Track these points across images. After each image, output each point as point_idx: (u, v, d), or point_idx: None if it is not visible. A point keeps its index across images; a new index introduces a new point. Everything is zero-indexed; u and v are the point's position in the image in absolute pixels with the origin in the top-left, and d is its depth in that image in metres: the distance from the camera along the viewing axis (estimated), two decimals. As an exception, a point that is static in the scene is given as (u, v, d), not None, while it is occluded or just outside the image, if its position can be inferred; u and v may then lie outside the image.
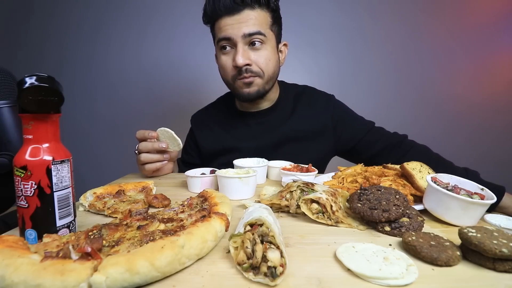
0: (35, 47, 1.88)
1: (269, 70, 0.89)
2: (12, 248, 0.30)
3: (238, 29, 0.82)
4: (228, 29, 0.83)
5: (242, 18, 0.82)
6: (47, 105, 0.37)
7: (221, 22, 0.84)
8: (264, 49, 0.87)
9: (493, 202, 0.47)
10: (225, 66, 0.88)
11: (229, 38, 0.83)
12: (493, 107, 1.93)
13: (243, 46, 0.84)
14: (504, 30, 1.87)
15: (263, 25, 0.85)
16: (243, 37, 0.83)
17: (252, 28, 0.82)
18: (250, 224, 0.37)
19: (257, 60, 0.86)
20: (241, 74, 0.86)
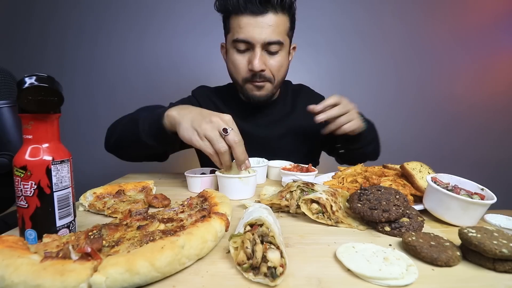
0: (35, 47, 1.88)
1: (280, 75, 0.90)
2: (12, 248, 0.30)
3: (259, 34, 0.80)
4: (250, 32, 0.81)
5: (264, 23, 0.80)
6: (47, 105, 0.37)
7: (241, 20, 0.81)
8: (279, 55, 0.86)
9: (493, 202, 0.47)
10: (239, 66, 0.87)
11: (250, 42, 0.82)
12: (493, 107, 1.93)
13: (261, 51, 0.83)
14: (504, 30, 1.87)
15: (282, 32, 0.84)
16: (263, 44, 0.82)
17: (273, 36, 0.82)
18: (250, 224, 0.37)
19: (271, 65, 0.86)
20: (253, 78, 0.86)
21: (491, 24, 1.86)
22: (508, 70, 1.90)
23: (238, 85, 0.92)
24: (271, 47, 0.83)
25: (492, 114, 1.93)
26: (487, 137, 1.94)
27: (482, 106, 1.92)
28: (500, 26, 1.86)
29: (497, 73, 1.91)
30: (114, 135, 0.85)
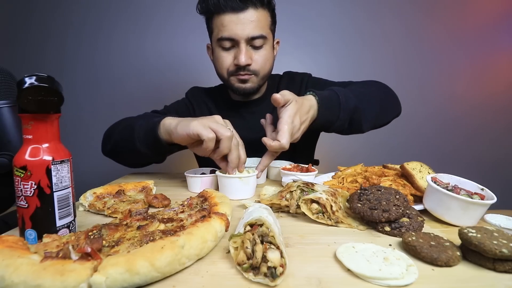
0: (35, 47, 1.88)
1: (266, 69, 0.91)
2: (12, 248, 0.30)
3: (242, 30, 0.82)
4: (233, 29, 0.82)
5: (246, 18, 0.82)
6: (47, 105, 0.37)
7: (223, 18, 0.83)
8: (264, 49, 0.88)
9: (493, 202, 0.47)
10: (224, 62, 0.89)
11: (233, 39, 0.83)
12: (493, 107, 1.93)
13: (246, 46, 0.85)
14: (504, 30, 1.87)
15: (264, 27, 0.86)
16: (246, 39, 0.83)
17: (256, 31, 0.83)
18: (250, 224, 0.37)
19: (256, 59, 0.87)
20: (237, 71, 0.88)
21: (491, 24, 1.86)
22: (507, 70, 1.90)
23: (224, 80, 0.94)
24: (255, 41, 0.85)
25: (492, 114, 1.93)
26: (487, 137, 1.94)
27: (482, 106, 1.92)
28: (499, 26, 1.86)
29: (497, 73, 1.91)
30: (110, 141, 0.85)
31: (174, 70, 1.90)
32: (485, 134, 1.94)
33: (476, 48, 1.87)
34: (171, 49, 1.88)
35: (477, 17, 1.86)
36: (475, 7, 1.85)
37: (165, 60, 1.89)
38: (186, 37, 1.86)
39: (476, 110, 1.92)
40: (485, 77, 1.91)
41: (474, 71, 1.90)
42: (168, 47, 1.88)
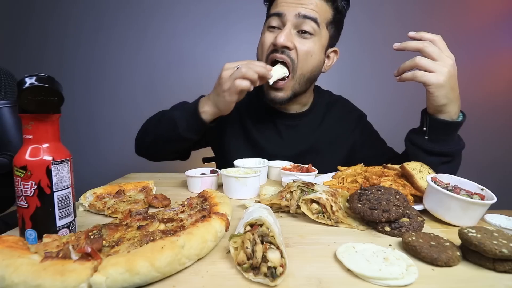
0: (35, 47, 1.88)
1: (306, 65, 0.80)
2: (12, 248, 0.30)
3: (295, 8, 0.75)
4: (284, 6, 0.76)
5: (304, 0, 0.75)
6: (47, 105, 0.37)
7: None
8: (311, 41, 0.78)
9: (493, 202, 0.47)
10: (265, 42, 0.80)
11: (281, 14, 0.76)
12: (492, 107, 1.93)
13: (291, 28, 0.76)
14: (504, 30, 1.87)
15: (320, 16, 0.77)
16: (296, 17, 0.75)
17: (309, 12, 0.74)
18: (250, 224, 0.37)
19: (299, 48, 0.77)
20: (273, 52, 0.78)
21: (491, 24, 1.86)
22: (507, 70, 1.91)
23: None
24: (305, 24, 0.75)
25: (492, 114, 1.93)
26: (487, 137, 1.94)
27: (482, 106, 1.92)
28: (500, 26, 1.86)
29: (497, 73, 1.91)
30: (148, 138, 0.88)
31: (174, 68, 1.90)
32: (485, 134, 1.94)
33: (476, 48, 1.88)
34: (171, 49, 1.88)
35: (477, 17, 1.86)
36: (475, 7, 1.85)
37: (165, 59, 1.89)
38: (186, 36, 1.86)
39: (476, 109, 1.92)
40: (485, 76, 1.91)
41: (474, 70, 1.90)
42: (167, 47, 1.88)
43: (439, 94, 0.61)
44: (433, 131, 0.68)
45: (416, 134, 0.72)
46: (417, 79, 0.62)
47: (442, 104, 0.63)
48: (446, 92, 0.61)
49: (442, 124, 0.66)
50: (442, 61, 0.60)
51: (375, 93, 1.91)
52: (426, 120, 0.68)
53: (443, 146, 0.68)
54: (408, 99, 1.88)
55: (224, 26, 1.86)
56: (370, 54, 1.86)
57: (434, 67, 0.60)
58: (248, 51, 1.88)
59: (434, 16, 1.84)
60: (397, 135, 1.39)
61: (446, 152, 0.68)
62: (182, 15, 1.85)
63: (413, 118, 0.83)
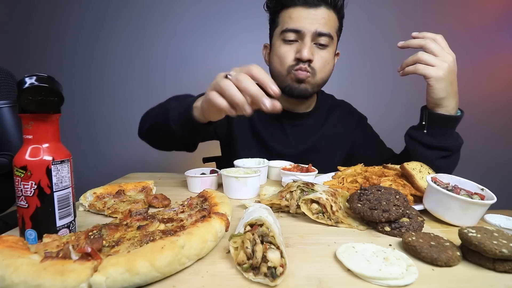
0: (35, 47, 1.88)
1: (324, 72, 0.88)
2: (12, 248, 0.30)
3: (311, 24, 0.80)
4: (301, 22, 0.80)
5: (317, 15, 0.80)
6: (47, 105, 0.37)
7: (293, 11, 0.81)
8: (327, 51, 0.85)
9: (493, 202, 0.47)
10: (285, 56, 0.85)
11: (300, 31, 0.81)
12: (492, 107, 1.93)
13: (310, 42, 0.82)
14: (504, 30, 1.87)
15: (332, 28, 0.84)
16: (314, 34, 0.81)
17: (325, 28, 0.81)
18: (250, 224, 0.37)
19: (318, 59, 0.84)
20: (298, 64, 0.84)
21: (491, 24, 1.86)
22: (507, 70, 1.91)
23: (280, 76, 0.88)
24: (321, 39, 0.82)
25: (492, 114, 1.93)
26: (487, 137, 1.94)
27: (482, 106, 1.92)
28: (500, 26, 1.86)
29: (497, 72, 1.91)
30: (146, 124, 0.84)
31: (174, 68, 1.90)
32: (485, 134, 1.94)
33: (476, 47, 1.88)
34: (171, 49, 1.88)
35: (477, 17, 1.86)
36: (475, 7, 1.86)
37: (164, 59, 1.89)
38: (185, 36, 1.87)
39: (476, 109, 1.92)
40: (485, 76, 1.91)
41: (474, 70, 1.90)
42: (167, 46, 1.88)
43: (439, 87, 0.66)
44: (431, 125, 0.71)
45: (415, 129, 0.76)
46: (418, 72, 0.66)
47: (441, 97, 0.67)
48: (445, 86, 0.66)
49: (440, 118, 0.69)
50: (443, 57, 0.65)
51: (374, 93, 1.91)
52: (425, 114, 0.71)
53: (442, 141, 0.71)
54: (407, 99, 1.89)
55: (223, 26, 1.86)
56: (370, 54, 1.86)
57: (435, 61, 0.65)
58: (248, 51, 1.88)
59: (434, 16, 1.84)
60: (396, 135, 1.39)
61: (444, 146, 0.71)
62: (181, 15, 1.85)
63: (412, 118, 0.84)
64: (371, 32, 1.86)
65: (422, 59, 0.66)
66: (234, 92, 0.51)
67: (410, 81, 1.86)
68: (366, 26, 1.85)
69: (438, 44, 0.66)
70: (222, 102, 0.53)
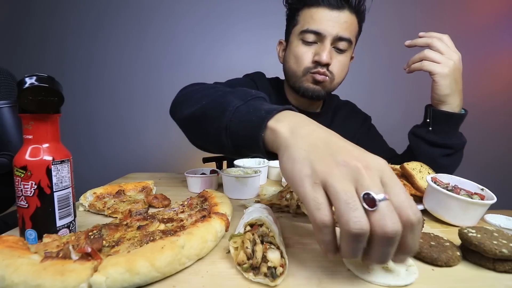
0: (35, 47, 1.88)
1: (341, 76, 0.87)
2: (12, 248, 0.30)
3: (333, 27, 0.78)
4: (323, 24, 0.78)
5: (340, 18, 0.79)
6: (47, 105, 0.37)
7: (316, 12, 0.80)
8: (345, 55, 0.85)
9: (493, 202, 0.47)
10: (303, 57, 0.83)
11: (321, 33, 0.79)
12: (492, 107, 1.93)
13: (330, 45, 0.81)
14: (504, 30, 1.87)
15: (353, 33, 0.83)
16: (334, 38, 0.80)
17: (346, 33, 0.80)
18: (250, 224, 0.37)
19: (335, 63, 0.84)
20: (316, 68, 0.82)
21: (491, 24, 1.86)
22: (507, 70, 1.91)
23: (294, 77, 0.87)
24: (340, 44, 0.81)
25: (492, 114, 1.93)
26: (487, 137, 1.94)
27: (482, 106, 1.92)
28: (500, 26, 1.86)
29: (497, 72, 1.91)
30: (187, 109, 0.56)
31: (174, 69, 1.90)
32: (485, 134, 1.94)
33: (476, 47, 1.88)
34: (171, 49, 1.88)
35: (477, 17, 1.86)
36: (475, 7, 1.86)
37: (164, 59, 1.89)
38: (186, 36, 1.86)
39: (476, 109, 1.92)
40: (485, 76, 1.91)
41: (474, 70, 1.90)
42: (167, 47, 1.88)
43: (444, 83, 0.67)
44: (435, 122, 0.72)
45: (419, 127, 0.77)
46: (424, 68, 0.68)
47: (445, 94, 0.68)
48: (450, 83, 0.67)
49: (445, 115, 0.70)
50: (449, 55, 0.67)
51: (374, 93, 1.91)
52: (430, 112, 0.73)
53: (445, 138, 0.72)
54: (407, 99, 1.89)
55: (223, 26, 1.86)
56: (370, 54, 1.86)
57: (441, 59, 0.67)
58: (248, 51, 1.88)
59: (434, 16, 1.84)
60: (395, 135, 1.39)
61: (447, 144, 0.72)
62: (181, 15, 1.85)
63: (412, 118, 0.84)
64: (371, 32, 1.85)
65: (429, 56, 0.67)
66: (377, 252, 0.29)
67: (410, 81, 1.87)
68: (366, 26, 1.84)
69: (444, 43, 0.68)
70: None
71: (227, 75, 1.02)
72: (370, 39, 1.85)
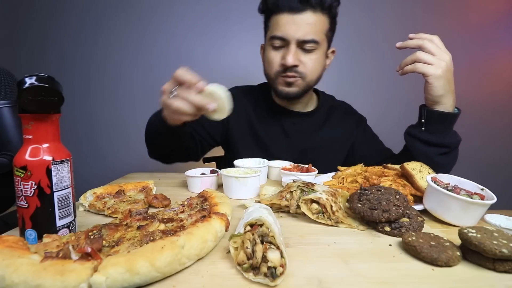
0: (35, 47, 1.88)
1: (313, 74, 0.89)
2: (12, 248, 0.30)
3: (295, 31, 0.82)
4: (286, 29, 0.83)
5: (301, 20, 0.81)
6: (47, 105, 0.37)
7: (279, 18, 0.83)
8: (315, 54, 0.87)
9: (493, 202, 0.47)
10: (272, 61, 0.88)
11: (285, 38, 0.83)
12: (492, 107, 1.93)
13: (295, 47, 0.84)
14: (504, 30, 1.87)
15: (319, 32, 0.84)
16: (298, 41, 0.83)
17: (309, 35, 0.82)
18: (250, 224, 0.37)
19: (305, 62, 0.86)
20: (285, 72, 0.87)
21: (491, 24, 1.86)
22: (507, 70, 1.91)
23: (270, 80, 0.93)
24: (306, 45, 0.84)
25: (492, 114, 1.93)
26: (487, 137, 1.94)
27: (482, 106, 1.92)
28: (500, 26, 1.86)
29: (497, 72, 1.91)
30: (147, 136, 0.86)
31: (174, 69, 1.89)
32: (486, 134, 1.94)
33: (476, 47, 1.87)
34: (170, 49, 1.88)
35: (477, 17, 1.86)
36: (475, 7, 1.85)
37: (164, 59, 1.89)
38: (185, 36, 1.86)
39: (476, 109, 1.92)
40: (485, 76, 1.91)
41: (474, 70, 1.89)
42: (167, 46, 1.88)
43: (437, 84, 0.68)
44: (430, 122, 0.73)
45: (414, 127, 0.79)
46: (418, 70, 0.69)
47: (439, 94, 0.69)
48: (443, 83, 0.68)
49: (439, 115, 0.71)
50: (440, 56, 0.68)
51: (374, 93, 1.90)
52: (424, 112, 0.74)
53: (440, 138, 0.73)
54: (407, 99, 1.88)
55: (223, 26, 1.86)
56: (370, 54, 1.86)
57: (433, 60, 0.67)
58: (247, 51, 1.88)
59: (434, 16, 1.84)
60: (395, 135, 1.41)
61: (443, 143, 0.73)
62: (181, 15, 1.85)
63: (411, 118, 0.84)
64: (371, 32, 1.86)
65: (421, 58, 0.68)
66: (185, 117, 0.62)
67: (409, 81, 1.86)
68: (366, 26, 1.85)
69: (435, 44, 0.68)
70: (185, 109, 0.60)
71: (227, 74, 1.03)
72: (370, 39, 1.85)
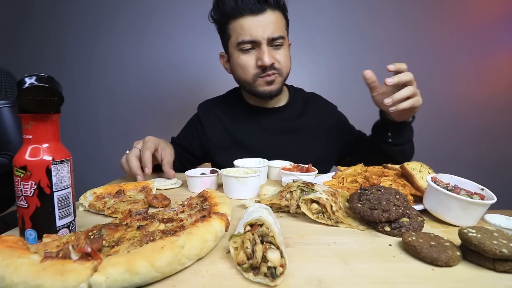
0: (35, 47, 1.88)
1: (287, 68, 0.94)
2: (12, 248, 0.30)
3: (263, 31, 0.84)
4: (253, 31, 0.84)
5: (265, 20, 0.84)
6: (47, 105, 0.37)
7: (242, 22, 0.84)
8: (283, 49, 0.90)
9: (493, 202, 0.47)
10: (247, 65, 0.89)
11: (255, 41, 0.85)
12: (493, 107, 1.93)
13: (267, 47, 0.86)
14: (504, 30, 1.87)
15: (282, 28, 0.89)
16: (268, 40, 0.85)
17: (276, 32, 0.85)
18: (250, 224, 0.37)
19: (279, 59, 0.89)
20: (265, 72, 0.89)
21: (491, 24, 1.86)
22: (507, 70, 1.90)
23: (247, 85, 0.94)
24: (276, 42, 0.87)
25: (492, 114, 1.93)
26: (487, 137, 1.94)
27: (482, 106, 1.92)
28: (500, 26, 1.86)
29: (497, 72, 1.91)
30: None
31: (174, 69, 1.89)
32: (486, 134, 1.94)
33: (476, 47, 1.87)
34: (170, 49, 1.88)
35: (477, 17, 1.86)
36: (475, 7, 1.85)
37: (164, 59, 1.89)
38: (185, 36, 1.86)
39: (477, 109, 1.92)
40: (485, 76, 1.90)
41: (474, 70, 1.89)
42: (167, 47, 1.88)
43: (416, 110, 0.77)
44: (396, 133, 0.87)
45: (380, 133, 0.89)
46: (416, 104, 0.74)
47: None
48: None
49: (404, 125, 0.84)
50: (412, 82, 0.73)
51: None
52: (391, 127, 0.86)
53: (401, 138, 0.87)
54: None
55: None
56: (371, 53, 1.86)
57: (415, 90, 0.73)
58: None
59: (434, 16, 1.84)
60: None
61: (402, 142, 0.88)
62: (182, 14, 1.85)
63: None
64: (371, 32, 1.85)
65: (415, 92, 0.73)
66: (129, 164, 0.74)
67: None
68: (366, 26, 1.84)
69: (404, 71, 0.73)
70: None
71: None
72: (370, 39, 1.85)
